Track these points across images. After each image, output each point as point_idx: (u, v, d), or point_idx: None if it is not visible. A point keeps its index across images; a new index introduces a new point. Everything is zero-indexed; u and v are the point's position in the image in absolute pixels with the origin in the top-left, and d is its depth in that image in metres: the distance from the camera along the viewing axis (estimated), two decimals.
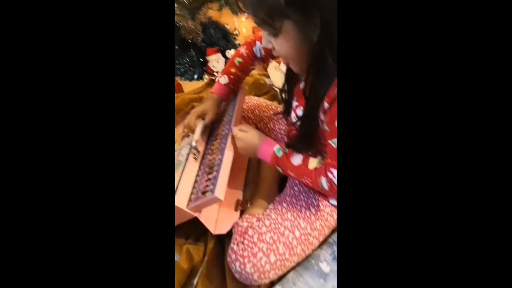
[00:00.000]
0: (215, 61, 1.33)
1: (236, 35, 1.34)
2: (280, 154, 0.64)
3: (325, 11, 0.44)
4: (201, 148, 0.74)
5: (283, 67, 1.34)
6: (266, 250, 0.59)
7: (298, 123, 0.63)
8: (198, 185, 0.66)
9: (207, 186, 0.63)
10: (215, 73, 1.35)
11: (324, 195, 0.67)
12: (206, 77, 1.38)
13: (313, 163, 0.60)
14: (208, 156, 0.71)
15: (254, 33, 1.58)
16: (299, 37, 0.49)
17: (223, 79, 0.81)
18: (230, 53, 1.33)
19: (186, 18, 1.20)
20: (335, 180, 0.56)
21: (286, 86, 0.70)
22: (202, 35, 1.32)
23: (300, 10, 0.45)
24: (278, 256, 0.59)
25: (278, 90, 1.22)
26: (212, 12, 1.36)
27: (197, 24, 1.28)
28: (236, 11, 1.13)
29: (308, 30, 0.47)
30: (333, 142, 0.54)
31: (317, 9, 0.44)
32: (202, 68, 1.37)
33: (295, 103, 0.66)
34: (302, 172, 0.61)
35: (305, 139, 0.63)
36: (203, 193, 0.62)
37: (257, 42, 0.78)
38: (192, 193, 0.65)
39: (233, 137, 0.69)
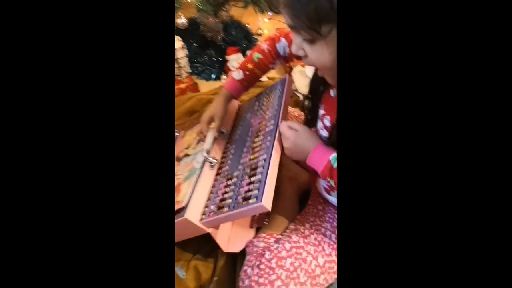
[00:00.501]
0: (235, 61, 1.27)
1: (260, 35, 1.28)
2: (336, 164, 0.52)
3: None
4: (217, 156, 0.68)
5: (309, 72, 1.27)
6: (285, 278, 0.51)
7: (327, 134, 0.55)
8: (214, 196, 0.59)
9: (249, 191, 0.53)
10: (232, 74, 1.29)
11: None
12: (224, 78, 1.32)
13: None
14: (249, 155, 0.62)
15: None
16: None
17: (238, 74, 0.72)
18: None
19: (208, 15, 1.14)
20: None
21: (312, 93, 0.63)
22: (222, 34, 1.27)
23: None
24: (298, 286, 0.52)
25: (301, 96, 1.15)
26: (235, 11, 1.31)
27: (219, 22, 1.22)
28: (262, 9, 1.06)
29: None
30: None
31: None
32: (221, 68, 1.31)
33: (322, 112, 0.59)
34: None
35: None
36: (245, 199, 0.52)
37: (282, 39, 0.70)
38: (206, 206, 0.58)
39: (280, 134, 0.59)
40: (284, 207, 0.69)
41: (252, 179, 0.55)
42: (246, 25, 1.34)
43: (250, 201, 0.51)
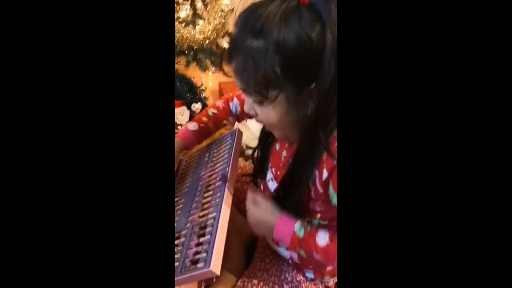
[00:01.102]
0: (180, 114, 1.29)
1: (203, 90, 1.33)
2: (302, 233, 0.52)
3: (322, 87, 0.43)
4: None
5: (252, 125, 1.34)
6: None
7: (275, 186, 0.58)
8: (184, 250, 0.55)
9: (198, 253, 0.52)
10: (179, 126, 1.30)
11: (299, 268, 0.61)
12: None
13: None
14: (198, 212, 0.59)
15: (220, 87, 1.59)
16: (287, 109, 0.47)
17: (192, 126, 0.73)
18: (196, 106, 1.31)
19: None
20: None
21: (261, 145, 0.67)
22: None
23: (296, 83, 0.44)
24: None
25: (244, 147, 1.20)
26: (178, 66, 1.36)
27: None
28: (204, 68, 1.13)
29: (300, 103, 0.45)
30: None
31: (314, 84, 0.43)
32: None
33: (270, 163, 0.63)
34: (330, 255, 0.50)
35: (289, 207, 0.56)
36: (193, 262, 0.50)
37: (235, 99, 0.75)
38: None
39: (229, 190, 0.59)
40: (232, 263, 0.69)
41: (201, 239, 0.54)
42: (191, 79, 1.39)
43: (198, 265, 0.49)
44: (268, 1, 0.43)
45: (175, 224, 0.62)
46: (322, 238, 0.51)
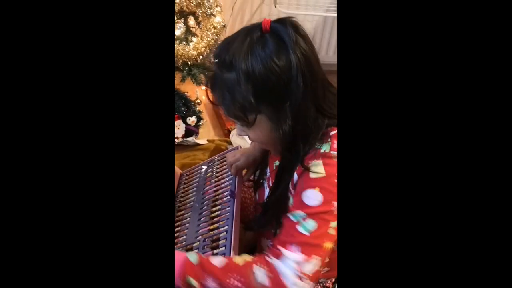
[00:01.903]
0: (176, 128, 1.33)
1: (198, 103, 1.37)
2: (195, 259, 0.50)
3: (295, 104, 0.47)
4: None
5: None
6: None
7: (269, 195, 0.62)
8: None
9: None
10: (175, 139, 1.33)
11: None
12: None
13: (241, 258, 0.50)
14: (206, 225, 0.62)
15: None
16: (271, 127, 0.51)
17: None
18: (191, 119, 1.35)
19: None
20: (281, 266, 0.46)
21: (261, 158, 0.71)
22: None
23: (271, 105, 0.48)
24: None
25: None
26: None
27: None
28: (199, 82, 1.17)
29: (279, 121, 0.49)
30: (292, 215, 0.49)
31: (288, 103, 0.47)
32: None
33: (268, 174, 0.66)
34: (229, 270, 0.48)
35: (270, 217, 0.59)
36: None
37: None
38: None
39: (237, 205, 0.62)
40: None
41: (215, 251, 0.56)
42: (185, 93, 1.43)
43: None
44: (237, 35, 0.49)
45: (185, 237, 0.64)
46: (217, 260, 0.50)
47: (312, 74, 0.47)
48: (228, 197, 0.65)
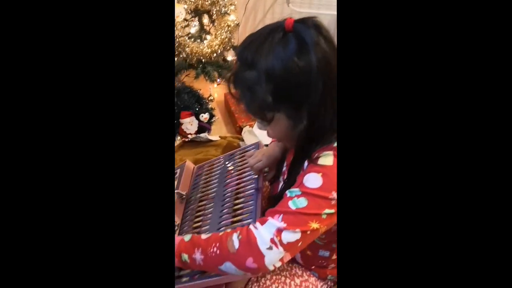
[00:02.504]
0: (189, 124, 1.35)
1: (211, 100, 1.40)
2: (188, 237, 0.55)
3: (313, 105, 0.48)
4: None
5: (256, 131, 1.39)
6: None
7: (282, 188, 0.64)
8: None
9: None
10: (188, 135, 1.36)
11: (307, 265, 0.65)
12: (178, 139, 1.39)
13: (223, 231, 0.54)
14: (229, 217, 0.65)
15: (226, 98, 1.65)
16: (289, 124, 0.52)
17: None
18: (204, 116, 1.37)
19: None
20: (258, 231, 0.47)
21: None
22: (175, 99, 1.36)
23: (290, 104, 0.50)
24: None
25: None
26: (186, 79, 1.43)
27: None
28: (212, 79, 1.19)
29: (297, 120, 0.51)
30: (289, 191, 0.50)
31: (305, 104, 0.49)
32: (175, 130, 1.38)
33: (284, 168, 0.69)
34: (211, 240, 0.51)
35: None
36: None
37: None
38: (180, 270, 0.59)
39: (260, 198, 0.64)
40: None
41: None
42: (198, 90, 1.46)
43: None
44: (260, 33, 0.50)
45: (207, 227, 0.67)
46: (206, 235, 0.53)
47: (331, 75, 0.47)
48: (251, 190, 0.68)
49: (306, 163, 0.53)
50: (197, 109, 1.42)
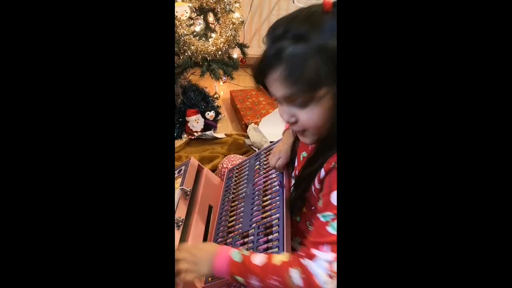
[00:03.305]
0: (195, 122, 1.37)
1: (217, 98, 1.41)
2: (239, 258, 0.53)
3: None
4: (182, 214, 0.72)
5: (262, 128, 1.40)
6: None
7: (294, 184, 0.64)
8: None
9: (269, 248, 0.58)
10: (194, 133, 1.37)
11: None
12: (184, 136, 1.40)
13: (279, 257, 0.52)
14: (259, 214, 0.67)
15: (232, 96, 1.66)
16: (333, 106, 0.48)
17: None
18: (210, 114, 1.38)
19: None
20: (315, 268, 0.47)
21: (292, 146, 0.73)
22: (181, 97, 1.37)
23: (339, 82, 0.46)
24: None
25: (257, 150, 1.25)
26: (192, 77, 1.44)
27: (177, 87, 1.33)
28: (218, 77, 1.20)
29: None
30: (323, 216, 0.49)
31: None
32: (182, 128, 1.40)
33: (296, 163, 0.69)
34: (268, 271, 0.50)
35: (294, 205, 0.62)
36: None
37: None
38: None
39: (286, 194, 0.66)
40: None
41: (270, 237, 0.61)
42: (204, 88, 1.47)
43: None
44: (298, 14, 0.48)
45: (240, 225, 0.70)
46: (258, 258, 0.52)
47: None
48: (277, 187, 0.70)
49: (323, 172, 0.52)
50: (203, 107, 1.44)
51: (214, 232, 0.74)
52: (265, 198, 0.71)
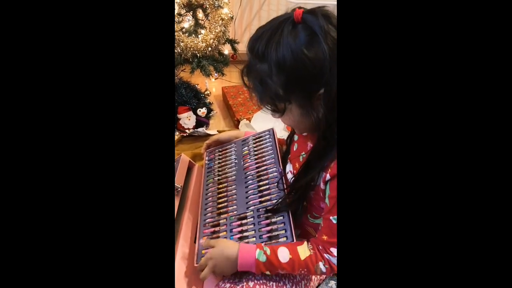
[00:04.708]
0: (187, 119, 1.36)
1: (208, 95, 1.40)
2: (264, 258, 0.57)
3: (329, 93, 0.48)
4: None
5: (254, 124, 1.40)
6: None
7: (294, 180, 0.64)
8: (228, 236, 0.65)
9: (274, 230, 0.61)
10: (186, 130, 1.37)
11: None
12: (177, 134, 1.40)
13: (303, 252, 0.57)
14: (256, 198, 0.70)
15: (224, 92, 1.66)
16: (301, 113, 0.53)
17: None
18: (202, 111, 1.38)
19: None
20: (334, 260, 0.55)
21: (287, 139, 0.75)
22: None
23: (301, 94, 0.50)
24: None
25: None
26: (183, 73, 1.43)
27: None
28: (208, 73, 1.20)
29: (310, 109, 0.52)
30: (334, 218, 0.54)
31: (319, 92, 0.49)
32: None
33: (289, 156, 0.70)
34: (296, 265, 0.57)
35: (292, 203, 0.62)
36: (271, 238, 0.60)
37: None
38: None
39: (286, 179, 0.69)
40: None
41: (273, 219, 0.63)
42: (195, 85, 1.46)
43: (280, 239, 0.60)
44: (269, 25, 0.50)
45: (235, 207, 0.71)
46: (283, 255, 0.57)
47: None
48: (275, 173, 0.72)
49: (328, 176, 0.54)
50: (194, 103, 1.43)
51: (201, 212, 0.75)
52: (261, 183, 0.73)
